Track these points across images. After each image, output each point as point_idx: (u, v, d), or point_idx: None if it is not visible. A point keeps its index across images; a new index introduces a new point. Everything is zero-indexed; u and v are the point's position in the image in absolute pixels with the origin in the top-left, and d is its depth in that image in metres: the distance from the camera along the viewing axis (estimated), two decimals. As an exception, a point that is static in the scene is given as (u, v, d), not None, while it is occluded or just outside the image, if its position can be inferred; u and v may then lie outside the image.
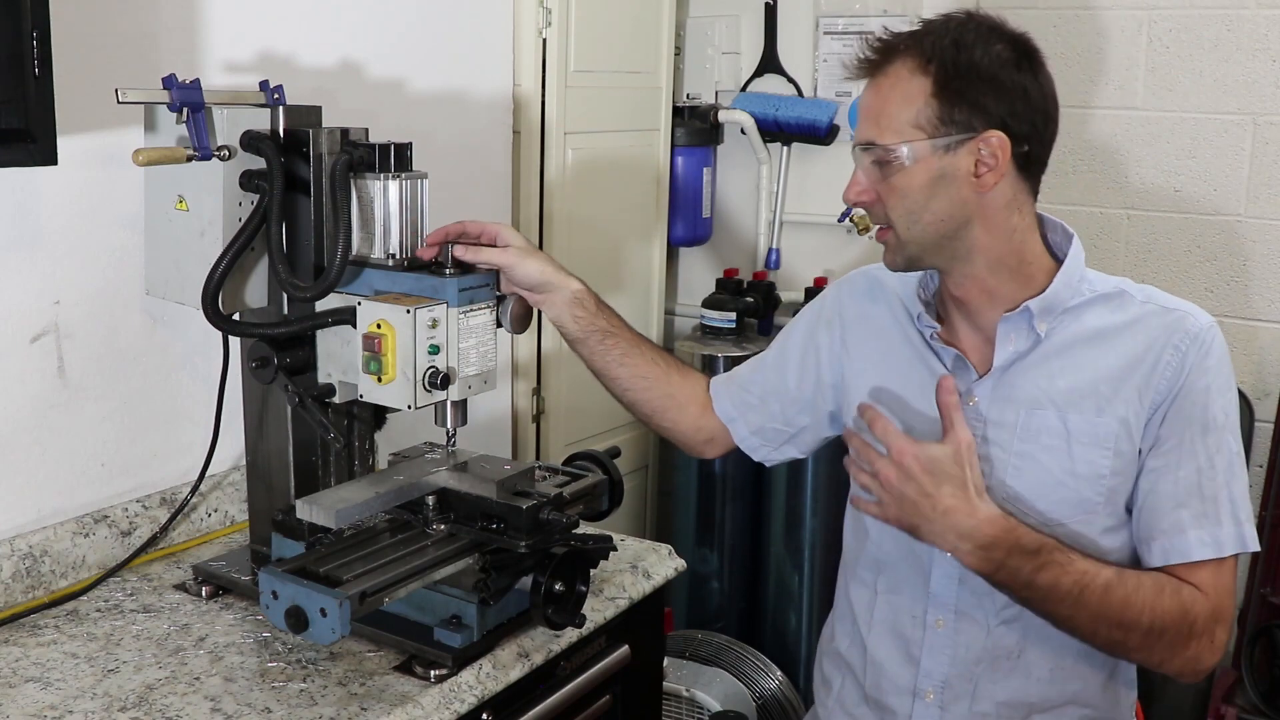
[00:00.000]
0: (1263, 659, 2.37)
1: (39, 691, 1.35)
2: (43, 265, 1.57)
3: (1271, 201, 2.64)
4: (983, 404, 1.50)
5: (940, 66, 1.40)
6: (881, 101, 1.43)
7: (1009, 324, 1.48)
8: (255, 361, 1.52)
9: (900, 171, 1.43)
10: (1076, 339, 1.47)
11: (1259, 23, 2.61)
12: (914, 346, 1.57)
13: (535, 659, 1.47)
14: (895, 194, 1.45)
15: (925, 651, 1.53)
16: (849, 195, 1.51)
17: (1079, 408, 1.45)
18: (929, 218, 1.45)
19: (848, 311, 1.69)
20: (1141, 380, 1.43)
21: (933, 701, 1.54)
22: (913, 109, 1.41)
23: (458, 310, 1.43)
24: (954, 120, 1.40)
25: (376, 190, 1.48)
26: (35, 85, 1.29)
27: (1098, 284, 1.50)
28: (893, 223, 1.48)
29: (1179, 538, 1.41)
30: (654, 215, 2.97)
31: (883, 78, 1.44)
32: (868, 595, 1.60)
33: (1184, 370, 1.42)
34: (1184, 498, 1.42)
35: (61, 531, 1.61)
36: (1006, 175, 1.42)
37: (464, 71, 2.28)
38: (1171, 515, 1.42)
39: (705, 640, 2.66)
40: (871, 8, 2.99)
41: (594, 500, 1.57)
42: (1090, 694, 1.52)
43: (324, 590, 1.27)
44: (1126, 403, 1.43)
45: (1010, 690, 1.50)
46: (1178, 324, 1.44)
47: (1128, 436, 1.43)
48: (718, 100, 3.18)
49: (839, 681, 1.67)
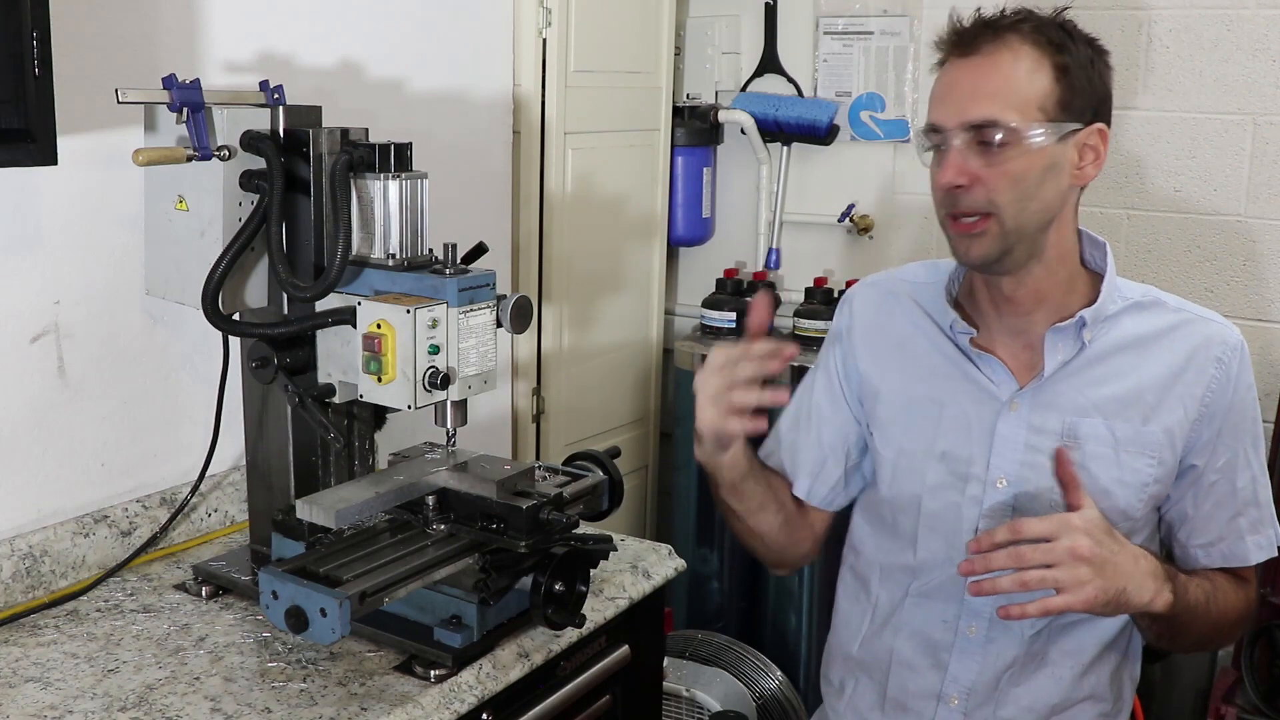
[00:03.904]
0: (1263, 659, 2.36)
1: (39, 691, 1.35)
2: (43, 265, 1.57)
3: (1271, 201, 2.64)
4: (1025, 411, 1.48)
5: (1064, 52, 1.38)
6: (1003, 78, 1.37)
7: (1060, 334, 1.46)
8: (255, 361, 1.52)
9: (1021, 155, 1.37)
10: (1116, 346, 1.47)
11: (1259, 23, 2.61)
12: (944, 354, 1.54)
13: (535, 659, 1.47)
14: (1007, 178, 1.37)
15: (955, 657, 1.52)
16: (947, 178, 1.38)
17: (1125, 415, 1.45)
18: (1036, 205, 1.39)
19: (857, 325, 1.64)
20: (1184, 389, 1.45)
21: (957, 707, 1.53)
22: (1038, 89, 1.37)
23: (458, 310, 1.43)
24: (1073, 108, 1.38)
25: (376, 190, 1.48)
26: (35, 85, 1.29)
27: (1127, 291, 1.50)
28: (998, 209, 1.39)
29: (1239, 544, 1.49)
30: (654, 215, 2.97)
31: (1002, 52, 1.37)
32: (896, 598, 1.58)
33: (1230, 383, 1.46)
34: (1242, 507, 1.49)
35: (61, 531, 1.61)
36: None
37: (464, 71, 2.28)
38: (1231, 524, 1.49)
39: (705, 640, 2.65)
40: (871, 8, 2.98)
41: (594, 500, 1.57)
42: (1103, 688, 1.53)
43: (324, 590, 1.26)
44: (1170, 412, 1.45)
45: (1033, 693, 1.50)
46: (1216, 335, 1.47)
47: (1170, 445, 1.45)
48: (718, 100, 3.18)
49: (852, 686, 1.64)
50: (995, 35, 1.38)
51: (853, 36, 3.01)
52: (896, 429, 1.56)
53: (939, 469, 1.52)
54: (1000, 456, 1.48)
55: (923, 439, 1.53)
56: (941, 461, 1.52)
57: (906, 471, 1.55)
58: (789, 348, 1.38)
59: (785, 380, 2.59)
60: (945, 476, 1.51)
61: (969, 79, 1.39)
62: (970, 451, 1.50)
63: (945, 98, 1.41)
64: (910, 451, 1.55)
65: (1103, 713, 1.54)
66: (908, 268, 1.64)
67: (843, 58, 3.03)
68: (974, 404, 1.50)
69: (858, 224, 3.03)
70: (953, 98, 1.40)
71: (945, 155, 1.40)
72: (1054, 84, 1.37)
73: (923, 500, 1.53)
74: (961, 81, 1.40)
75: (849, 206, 3.04)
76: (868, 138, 3.02)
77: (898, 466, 1.56)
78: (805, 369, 2.76)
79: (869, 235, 3.06)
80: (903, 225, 3.02)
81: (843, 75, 3.03)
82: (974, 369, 1.51)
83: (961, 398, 1.51)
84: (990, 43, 1.38)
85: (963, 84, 1.40)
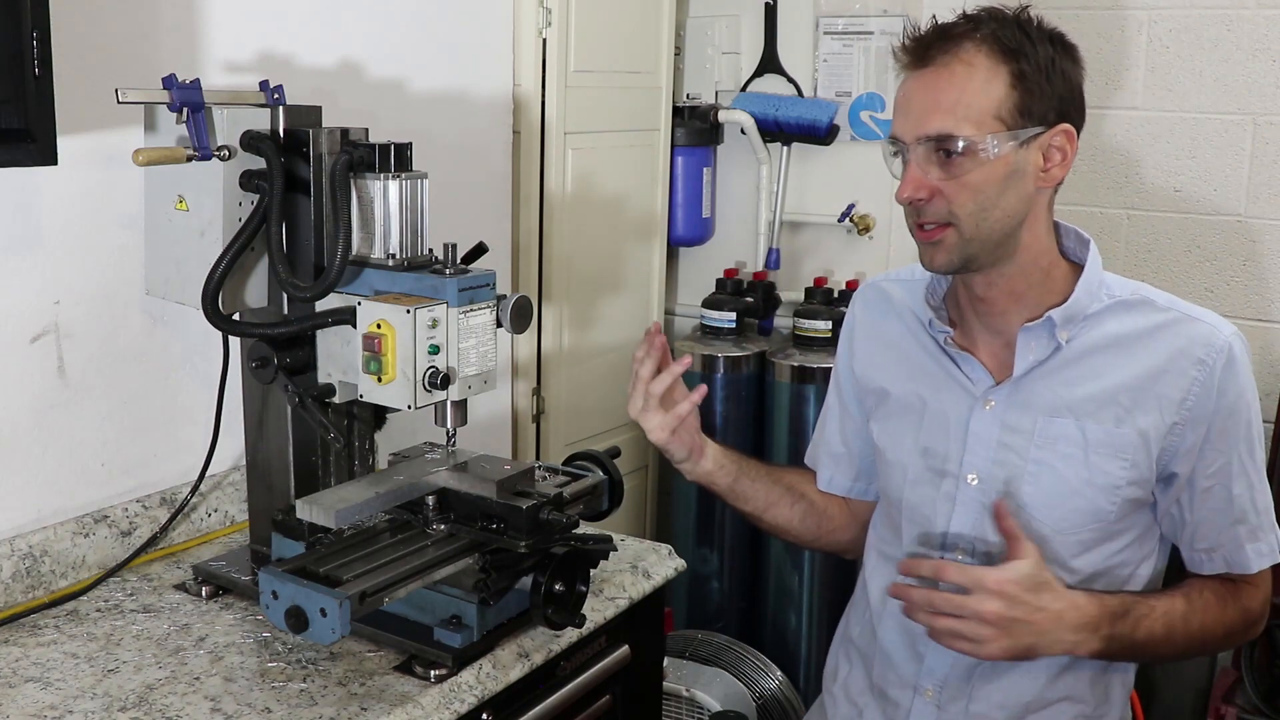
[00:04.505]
0: (1263, 659, 2.36)
1: (39, 691, 1.35)
2: (43, 265, 1.57)
3: (1271, 201, 2.64)
4: (999, 409, 1.49)
5: (1020, 56, 1.36)
6: (957, 90, 1.36)
7: (1030, 333, 1.46)
8: (255, 361, 1.52)
9: (978, 166, 1.36)
10: (1096, 346, 1.46)
11: (1259, 23, 2.61)
12: (929, 352, 1.56)
13: (535, 659, 1.47)
14: (966, 189, 1.38)
15: (930, 649, 1.53)
16: (906, 193, 1.40)
17: (1097, 417, 1.44)
18: (998, 214, 1.39)
19: (858, 326, 1.69)
20: (1163, 391, 1.43)
21: (931, 699, 1.54)
22: (993, 99, 1.36)
23: (458, 310, 1.43)
24: (1032, 112, 1.37)
25: (376, 190, 1.48)
26: (35, 85, 1.29)
27: (1117, 289, 1.48)
28: (957, 220, 1.40)
29: (1238, 552, 1.47)
30: (654, 215, 2.97)
31: (955, 64, 1.36)
32: (885, 584, 1.60)
33: (1214, 386, 1.41)
34: (1240, 514, 1.46)
35: (61, 531, 1.61)
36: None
37: (464, 71, 2.28)
38: (1229, 531, 1.47)
39: (705, 640, 2.66)
40: (871, 8, 2.98)
41: (594, 500, 1.57)
42: (1082, 690, 1.52)
43: (324, 590, 1.26)
44: (1146, 414, 1.43)
45: (1006, 690, 1.51)
46: (1201, 335, 1.43)
47: (1145, 448, 1.43)
48: (718, 100, 3.18)
49: (847, 669, 1.68)
50: (948, 45, 1.37)
51: (853, 36, 3.01)
52: (889, 425, 1.61)
53: (919, 464, 1.56)
54: (973, 454, 1.50)
55: (908, 435, 1.57)
56: (923, 457, 1.55)
57: (894, 466, 1.59)
58: (684, 357, 1.56)
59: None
60: (924, 472, 1.55)
61: (923, 92, 1.39)
62: (947, 448, 1.53)
63: (903, 110, 1.41)
64: (898, 447, 1.59)
65: (1083, 714, 1.53)
66: (908, 268, 1.66)
67: (843, 58, 3.03)
68: (953, 401, 1.53)
69: (858, 224, 3.04)
70: (909, 110, 1.40)
71: (905, 168, 1.40)
72: (1010, 90, 1.36)
73: (904, 494, 1.57)
74: (916, 95, 1.40)
75: (849, 206, 3.04)
76: (868, 138, 3.02)
77: (888, 461, 1.60)
78: (806, 369, 2.80)
79: (869, 235, 3.05)
80: (902, 225, 3.00)
81: (843, 75, 3.03)
82: (954, 367, 1.53)
83: (942, 395, 1.54)
84: (944, 54, 1.37)
85: (917, 97, 1.40)
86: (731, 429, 2.92)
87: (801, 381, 2.82)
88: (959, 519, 1.51)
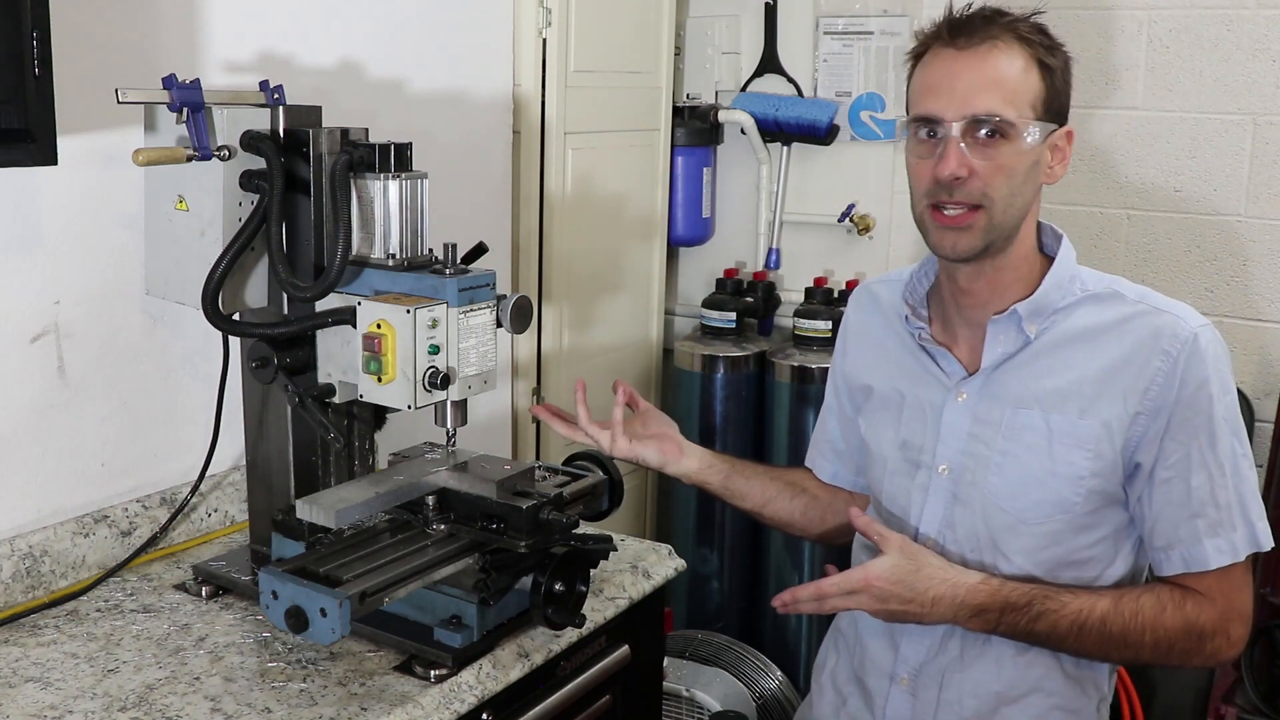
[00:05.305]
0: (1263, 659, 2.36)
1: (39, 691, 1.35)
2: (43, 265, 1.57)
3: (1271, 201, 2.64)
4: (971, 402, 1.51)
5: (1052, 54, 1.42)
6: (1001, 74, 1.39)
7: (998, 325, 1.49)
8: (255, 361, 1.52)
9: (1015, 151, 1.40)
10: (1065, 339, 1.48)
11: (1259, 23, 2.61)
12: (909, 348, 1.60)
13: (535, 659, 1.47)
14: (1003, 172, 1.40)
15: (905, 638, 1.56)
16: (948, 169, 1.39)
17: (1062, 408, 1.46)
18: (1020, 201, 1.43)
19: (850, 326, 1.73)
20: (1127, 383, 1.43)
21: (906, 688, 1.57)
22: (1031, 89, 1.40)
23: (458, 310, 1.43)
24: (1053, 109, 1.43)
25: (376, 190, 1.48)
26: (35, 85, 1.29)
27: (1090, 283, 1.50)
28: (990, 202, 1.41)
29: (1196, 547, 1.44)
30: (654, 215, 2.97)
31: (998, 50, 1.40)
32: None
33: (1177, 377, 1.41)
34: (1198, 507, 1.43)
35: (61, 531, 1.61)
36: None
37: (464, 71, 2.28)
38: (1187, 525, 1.44)
39: (705, 640, 2.66)
40: (871, 8, 2.99)
41: (594, 500, 1.58)
42: (1053, 683, 1.53)
43: (324, 590, 1.26)
44: (1110, 405, 1.44)
45: (976, 679, 1.52)
46: (1167, 327, 1.43)
47: (1109, 439, 1.44)
48: (718, 100, 3.18)
49: (834, 660, 1.71)
50: (993, 30, 1.40)
51: (853, 36, 3.01)
52: (873, 420, 1.64)
53: (898, 456, 1.59)
54: (945, 445, 1.53)
55: (889, 428, 1.60)
56: (901, 450, 1.58)
57: (877, 459, 1.62)
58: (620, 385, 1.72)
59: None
60: (901, 464, 1.58)
61: (969, 72, 1.40)
62: (923, 440, 1.55)
63: (943, 88, 1.41)
64: (880, 440, 1.62)
65: (1056, 706, 1.52)
66: (897, 270, 1.69)
67: (843, 58, 3.03)
68: (929, 394, 1.56)
69: (858, 224, 3.04)
70: (953, 89, 1.40)
71: (944, 146, 1.40)
72: (1041, 84, 1.41)
73: (883, 485, 1.61)
74: (962, 74, 1.40)
75: (849, 206, 3.05)
76: (868, 138, 3.03)
77: (872, 454, 1.64)
78: (806, 369, 2.80)
79: (869, 235, 3.06)
80: (903, 225, 3.01)
81: (843, 75, 3.03)
82: (930, 361, 1.56)
83: (920, 388, 1.57)
84: (989, 39, 1.40)
85: (963, 76, 1.40)
86: (731, 429, 2.92)
87: (801, 381, 2.83)
88: (930, 509, 1.54)
